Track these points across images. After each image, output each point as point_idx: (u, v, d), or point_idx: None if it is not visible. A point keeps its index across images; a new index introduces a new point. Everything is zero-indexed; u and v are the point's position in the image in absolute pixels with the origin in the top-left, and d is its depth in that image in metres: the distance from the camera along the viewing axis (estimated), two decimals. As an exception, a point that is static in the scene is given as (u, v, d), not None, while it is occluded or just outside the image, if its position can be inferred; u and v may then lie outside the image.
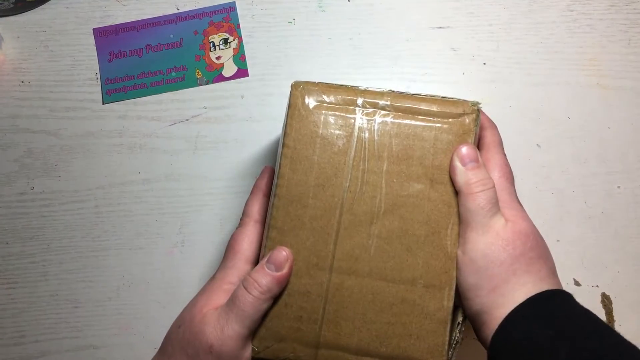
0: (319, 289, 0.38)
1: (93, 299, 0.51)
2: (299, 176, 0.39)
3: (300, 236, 0.39)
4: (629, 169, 0.52)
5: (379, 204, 0.39)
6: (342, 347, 0.38)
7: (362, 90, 0.41)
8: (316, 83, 0.41)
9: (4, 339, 0.50)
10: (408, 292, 0.38)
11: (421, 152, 0.39)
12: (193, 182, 0.52)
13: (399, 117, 0.40)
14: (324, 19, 0.54)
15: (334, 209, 0.39)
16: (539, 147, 0.52)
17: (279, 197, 0.39)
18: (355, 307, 0.38)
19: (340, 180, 0.39)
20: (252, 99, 0.53)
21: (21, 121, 0.53)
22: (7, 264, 0.51)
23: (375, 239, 0.39)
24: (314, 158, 0.39)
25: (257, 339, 0.38)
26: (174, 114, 0.53)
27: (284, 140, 0.40)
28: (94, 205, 0.52)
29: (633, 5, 0.54)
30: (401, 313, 0.38)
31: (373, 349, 0.38)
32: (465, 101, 0.41)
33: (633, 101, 0.53)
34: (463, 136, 0.40)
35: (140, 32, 0.54)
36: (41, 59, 0.54)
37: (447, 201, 0.39)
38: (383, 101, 0.40)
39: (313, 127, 0.40)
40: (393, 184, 0.39)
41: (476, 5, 0.54)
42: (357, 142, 0.40)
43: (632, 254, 0.51)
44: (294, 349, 0.38)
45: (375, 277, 0.38)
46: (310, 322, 0.38)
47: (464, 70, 0.53)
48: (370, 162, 0.39)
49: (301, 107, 0.40)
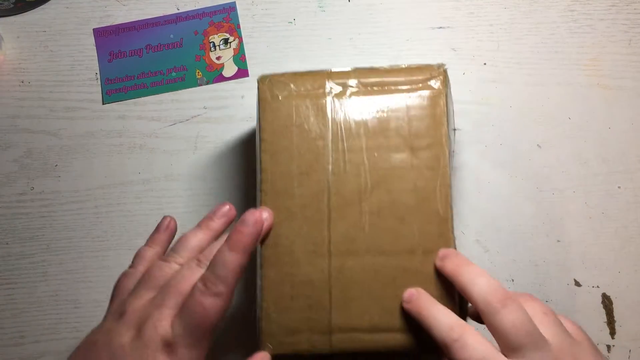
0: (321, 276, 0.38)
1: (93, 299, 0.51)
2: (281, 168, 0.39)
3: (293, 227, 0.39)
4: (630, 169, 0.52)
5: (365, 180, 0.39)
6: (354, 328, 0.38)
7: (328, 72, 0.41)
8: (282, 74, 0.41)
9: (4, 339, 0.50)
10: (408, 261, 0.38)
11: (396, 122, 0.40)
12: (193, 182, 0.52)
13: (369, 93, 0.40)
14: (324, 19, 0.54)
15: (321, 194, 0.39)
16: (539, 147, 0.52)
17: (265, 193, 0.39)
18: (360, 286, 0.38)
19: (322, 165, 0.39)
20: (252, 99, 0.53)
21: (21, 121, 0.53)
22: (7, 264, 0.51)
23: (367, 216, 0.39)
24: (292, 148, 0.40)
25: (269, 336, 0.38)
26: (174, 114, 0.53)
27: (260, 135, 0.40)
28: (93, 205, 0.52)
29: (634, 6, 0.54)
30: (406, 283, 0.38)
31: (385, 323, 0.38)
32: (430, 65, 0.41)
33: (633, 101, 0.53)
34: (434, 99, 0.40)
35: (140, 32, 0.54)
36: (41, 59, 0.54)
37: (430, 165, 0.39)
38: (351, 80, 0.41)
39: (287, 118, 0.40)
40: (375, 158, 0.39)
41: (476, 5, 0.54)
42: (333, 125, 0.40)
43: (632, 254, 0.51)
44: (308, 339, 0.38)
45: (374, 253, 0.38)
46: (319, 309, 0.38)
47: (464, 70, 0.53)
48: (349, 142, 0.40)
49: (271, 100, 0.41)
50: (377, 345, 0.38)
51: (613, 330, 0.49)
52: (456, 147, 0.52)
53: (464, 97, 0.53)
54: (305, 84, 0.41)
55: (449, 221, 0.38)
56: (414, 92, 0.40)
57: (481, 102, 0.53)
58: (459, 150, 0.52)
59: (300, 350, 0.38)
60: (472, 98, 0.53)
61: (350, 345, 0.38)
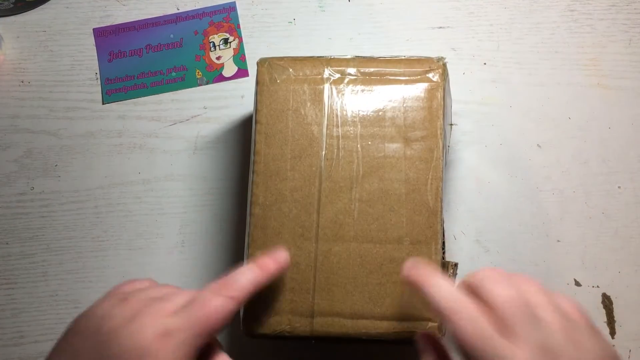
0: (307, 259, 0.39)
1: (93, 299, 0.51)
2: (274, 150, 0.40)
3: (282, 209, 0.39)
4: (630, 169, 0.52)
5: (357, 168, 0.39)
6: (336, 312, 0.38)
7: (328, 59, 0.42)
8: (282, 58, 0.42)
9: (4, 339, 0.50)
10: (395, 250, 0.39)
11: (392, 112, 0.40)
12: (193, 182, 0.52)
13: (367, 82, 0.41)
14: (324, 19, 0.54)
15: (313, 179, 0.39)
16: (539, 147, 0.52)
17: (257, 174, 0.40)
18: (345, 272, 0.39)
19: (316, 150, 0.40)
20: (252, 98, 0.53)
21: (21, 121, 0.53)
22: (7, 264, 0.51)
23: (357, 203, 0.39)
24: (287, 131, 0.40)
25: (251, 315, 0.39)
26: (174, 114, 0.53)
27: (256, 117, 0.41)
28: (93, 205, 0.52)
29: (634, 5, 0.54)
30: (391, 272, 0.38)
31: (367, 310, 0.38)
32: (430, 58, 0.41)
33: (634, 101, 0.53)
34: (432, 92, 0.40)
35: (140, 32, 0.54)
36: (41, 59, 0.54)
37: (423, 157, 0.39)
38: (350, 68, 0.41)
39: (283, 101, 0.41)
40: (368, 147, 0.40)
41: (476, 5, 0.54)
42: (329, 111, 0.40)
43: (632, 254, 0.51)
44: (289, 320, 0.38)
45: (361, 240, 0.39)
46: (302, 292, 0.39)
47: (464, 70, 0.53)
48: (344, 129, 0.40)
49: (269, 83, 0.41)
50: (358, 331, 0.38)
51: (613, 330, 0.49)
52: (456, 146, 0.52)
53: (464, 97, 0.53)
54: (304, 69, 0.41)
55: (438, 214, 0.39)
56: (412, 84, 0.41)
57: (481, 102, 0.53)
58: (459, 150, 0.52)
59: (281, 332, 0.38)
60: (472, 98, 0.53)
61: (332, 329, 0.38)
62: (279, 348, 0.49)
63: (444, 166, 0.40)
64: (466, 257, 0.50)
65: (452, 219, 0.51)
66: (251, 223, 0.40)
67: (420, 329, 0.38)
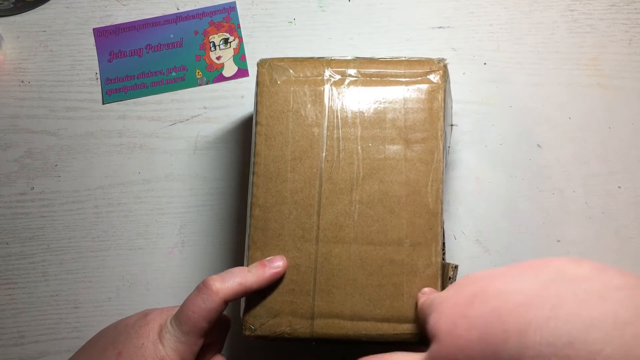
0: (307, 261, 0.39)
1: (93, 299, 0.51)
2: (275, 152, 0.40)
3: (283, 211, 0.39)
4: (630, 169, 0.52)
5: (357, 169, 0.39)
6: (336, 314, 0.38)
7: (328, 60, 0.42)
8: (282, 59, 0.42)
9: (4, 339, 0.50)
10: (395, 252, 0.39)
11: (393, 114, 0.40)
12: (193, 182, 0.52)
13: (368, 83, 0.41)
14: (324, 19, 0.54)
15: (313, 180, 0.39)
16: (539, 147, 0.52)
17: (257, 175, 0.40)
18: (345, 273, 0.39)
19: (316, 151, 0.40)
20: (252, 99, 0.53)
21: (21, 121, 0.53)
22: (7, 264, 0.51)
23: (357, 205, 0.39)
24: (287, 132, 0.40)
25: (251, 316, 0.39)
26: (174, 114, 0.53)
27: (256, 118, 0.41)
28: (93, 205, 0.52)
29: (634, 5, 0.54)
30: (391, 274, 0.38)
31: (367, 312, 0.38)
32: (431, 59, 0.41)
33: (634, 101, 0.53)
34: (432, 93, 0.40)
35: (140, 32, 0.54)
36: (41, 59, 0.54)
37: (423, 159, 0.39)
38: (350, 69, 0.41)
39: (283, 103, 0.41)
40: (369, 148, 0.40)
41: (476, 5, 0.54)
42: (329, 112, 0.40)
43: (632, 254, 0.50)
44: (289, 322, 0.38)
45: (361, 242, 0.39)
46: (302, 294, 0.39)
47: (464, 70, 0.53)
48: (344, 130, 0.40)
49: (269, 83, 0.41)
50: (358, 333, 0.38)
51: (613, 330, 0.49)
52: (456, 147, 0.52)
53: (464, 97, 0.53)
54: (305, 70, 0.41)
55: (438, 215, 0.39)
56: (412, 85, 0.40)
57: (481, 102, 0.53)
58: (459, 150, 0.52)
59: (281, 333, 0.38)
60: (472, 98, 0.53)
61: (332, 331, 0.38)
62: (279, 350, 0.50)
63: (444, 168, 0.40)
64: (466, 257, 0.50)
65: (452, 219, 0.51)
66: (251, 224, 0.40)
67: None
